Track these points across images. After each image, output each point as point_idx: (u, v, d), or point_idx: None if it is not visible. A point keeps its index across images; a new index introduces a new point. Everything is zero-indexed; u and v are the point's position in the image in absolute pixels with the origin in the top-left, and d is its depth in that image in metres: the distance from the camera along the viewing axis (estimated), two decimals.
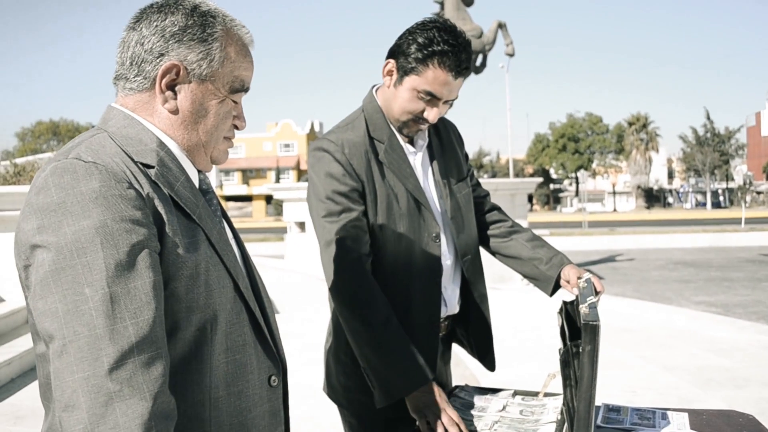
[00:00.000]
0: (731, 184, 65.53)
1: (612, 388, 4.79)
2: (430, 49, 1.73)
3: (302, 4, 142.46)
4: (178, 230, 1.06)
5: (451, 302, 1.93)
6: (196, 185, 1.19)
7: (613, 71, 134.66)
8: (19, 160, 7.83)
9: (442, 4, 12.93)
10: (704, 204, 65.59)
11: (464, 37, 1.77)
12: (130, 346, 0.94)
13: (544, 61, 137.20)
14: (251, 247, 16.59)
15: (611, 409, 1.80)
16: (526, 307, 8.30)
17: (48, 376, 1.07)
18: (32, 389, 4.83)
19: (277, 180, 62.04)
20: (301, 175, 64.24)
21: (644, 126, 66.06)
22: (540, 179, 14.57)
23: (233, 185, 66.74)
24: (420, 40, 1.74)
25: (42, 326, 0.95)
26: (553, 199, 75.28)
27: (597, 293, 1.71)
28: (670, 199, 74.27)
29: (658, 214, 51.96)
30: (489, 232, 2.09)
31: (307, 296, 8.67)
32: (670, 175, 79.95)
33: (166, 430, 0.95)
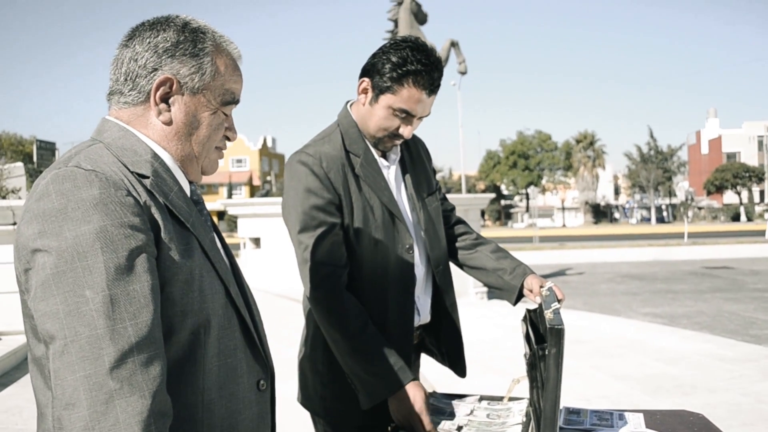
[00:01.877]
0: (674, 200, 67.73)
1: (566, 396, 4.89)
2: (404, 68, 1.79)
3: (253, 20, 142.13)
4: (173, 237, 1.10)
5: (423, 311, 1.99)
6: (188, 196, 1.23)
7: (562, 90, 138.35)
8: None
9: (395, 22, 13.11)
10: (649, 219, 67.58)
11: (436, 56, 1.84)
12: (129, 346, 0.97)
13: (495, 80, 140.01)
14: None
15: (571, 411, 1.90)
16: (481, 320, 8.43)
17: (45, 380, 1.09)
18: None
19: (230, 195, 61.29)
20: (253, 190, 63.65)
21: (591, 143, 67.76)
22: (492, 195, 14.80)
23: None
24: (394, 59, 1.80)
25: (43, 327, 0.98)
26: (504, 215, 76.39)
27: (559, 300, 1.81)
28: (617, 215, 76.20)
29: (605, 229, 53.25)
30: (456, 245, 2.16)
31: (266, 313, 8.61)
32: (617, 191, 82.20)
33: (164, 428, 0.98)
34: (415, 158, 2.08)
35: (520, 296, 2.03)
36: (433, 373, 3.40)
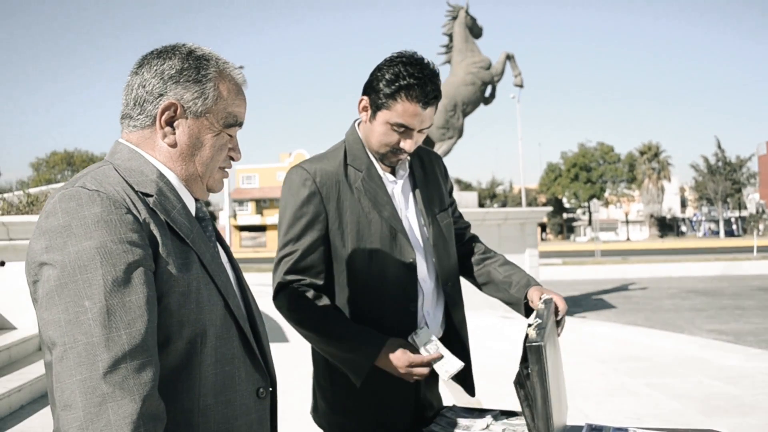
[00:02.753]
0: (744, 213, 65.12)
1: (617, 414, 4.79)
2: (396, 84, 1.83)
3: (314, 36, 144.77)
4: (171, 252, 1.18)
5: (433, 326, 2.00)
6: (193, 213, 1.31)
7: (624, 101, 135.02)
8: (32, 190, 7.93)
9: (450, 37, 13.13)
10: (717, 232, 65.23)
11: (430, 69, 1.87)
12: (123, 353, 1.04)
13: (556, 92, 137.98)
14: (264, 277, 16.69)
15: (594, 428, 1.85)
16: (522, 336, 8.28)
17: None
18: (42, 416, 4.90)
19: None
20: None
21: (656, 155, 66.02)
22: (549, 208, 14.59)
23: (247, 215, 67.20)
24: (387, 76, 1.84)
25: (46, 334, 1.07)
26: (566, 229, 75.05)
27: (558, 311, 1.78)
28: (684, 228, 73.84)
29: (671, 242, 51.62)
30: (466, 261, 2.17)
31: None
32: (683, 204, 79.62)
33: (154, 430, 1.05)
34: (429, 175, 2.10)
35: (529, 309, 2.00)
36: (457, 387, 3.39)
